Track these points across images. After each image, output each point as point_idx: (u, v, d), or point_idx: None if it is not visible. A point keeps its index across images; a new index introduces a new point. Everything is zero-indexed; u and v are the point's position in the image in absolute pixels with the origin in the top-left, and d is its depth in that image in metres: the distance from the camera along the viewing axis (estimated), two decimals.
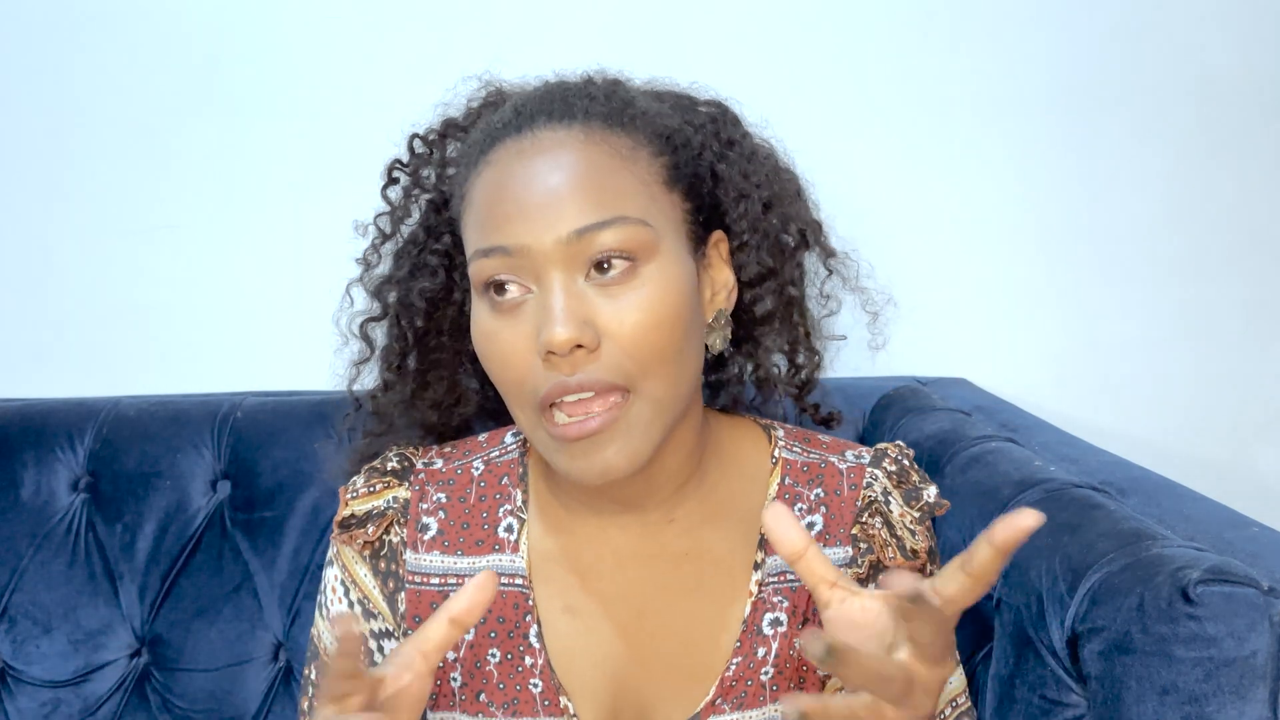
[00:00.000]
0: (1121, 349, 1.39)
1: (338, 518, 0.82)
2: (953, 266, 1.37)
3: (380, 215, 0.88)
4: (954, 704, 0.81)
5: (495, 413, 0.90)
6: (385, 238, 0.88)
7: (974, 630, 0.93)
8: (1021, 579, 0.83)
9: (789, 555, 0.62)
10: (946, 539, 0.99)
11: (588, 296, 0.70)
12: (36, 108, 1.34)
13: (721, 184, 0.81)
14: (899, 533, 0.79)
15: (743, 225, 0.81)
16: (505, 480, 0.83)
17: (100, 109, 1.33)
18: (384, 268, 0.88)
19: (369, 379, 0.90)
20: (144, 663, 1.22)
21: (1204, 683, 0.68)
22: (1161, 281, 1.38)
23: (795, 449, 0.84)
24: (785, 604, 0.79)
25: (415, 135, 0.89)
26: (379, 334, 0.88)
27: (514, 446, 0.85)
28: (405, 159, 0.88)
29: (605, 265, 0.70)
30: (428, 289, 0.84)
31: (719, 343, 0.80)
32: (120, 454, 1.22)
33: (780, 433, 0.85)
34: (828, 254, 0.87)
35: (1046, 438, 1.10)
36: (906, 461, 0.83)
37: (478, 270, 0.73)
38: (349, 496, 0.82)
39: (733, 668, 0.77)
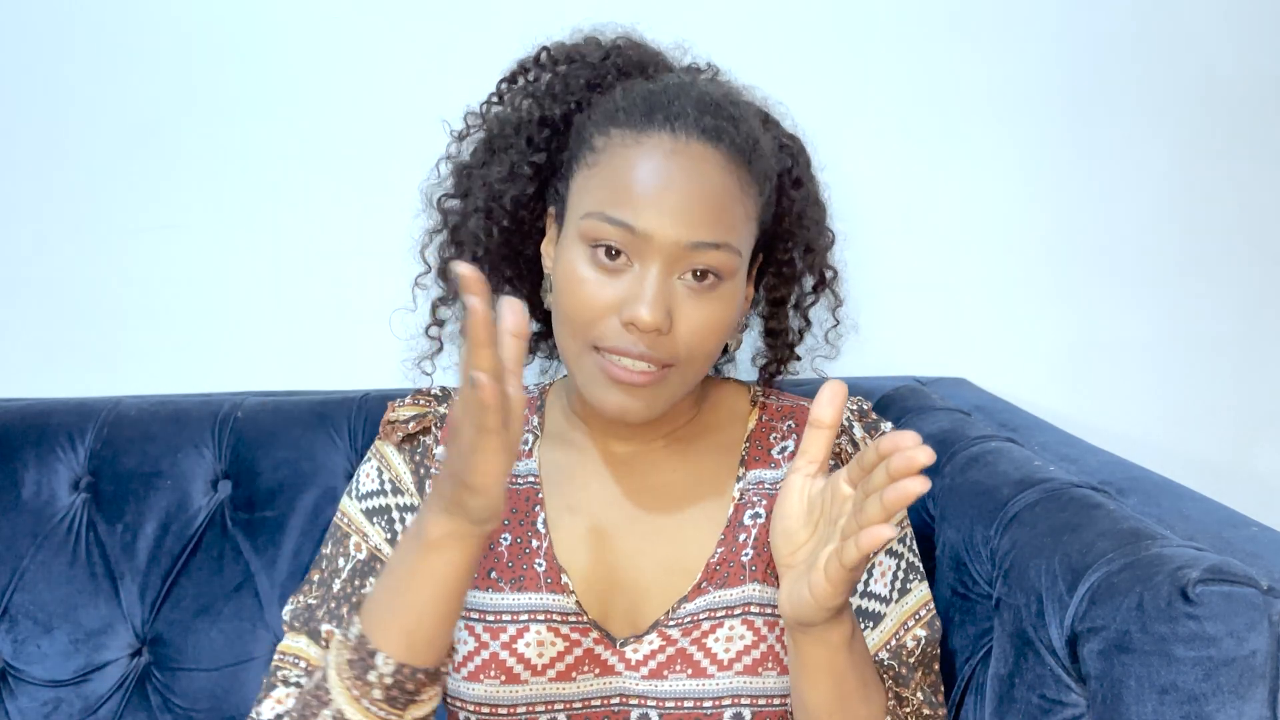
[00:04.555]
0: (1121, 349, 1.39)
1: (384, 421, 0.95)
2: (954, 266, 1.37)
3: (485, 103, 0.98)
4: (916, 616, 0.90)
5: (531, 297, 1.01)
6: (484, 125, 0.97)
7: (974, 630, 0.93)
8: (1021, 579, 0.83)
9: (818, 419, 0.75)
10: (946, 539, 0.99)
11: (676, 291, 0.83)
12: (36, 107, 1.34)
13: (780, 220, 0.95)
14: (862, 449, 0.92)
15: (784, 258, 0.97)
16: (525, 411, 0.94)
17: (100, 109, 1.34)
18: (466, 155, 0.98)
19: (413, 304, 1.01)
20: (145, 662, 1.22)
21: (1203, 682, 0.68)
22: (1161, 281, 1.39)
23: (771, 398, 1.00)
24: (764, 503, 0.92)
25: (544, 48, 0.97)
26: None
27: (534, 389, 1.01)
28: (529, 66, 0.97)
29: (700, 275, 0.84)
30: (519, 196, 0.94)
31: (733, 345, 0.96)
32: (121, 454, 1.23)
33: (759, 389, 1.01)
34: (837, 302, 1.02)
35: (1046, 437, 1.10)
36: (866, 405, 0.98)
37: (595, 229, 0.83)
38: (397, 405, 0.96)
39: (717, 555, 0.89)
